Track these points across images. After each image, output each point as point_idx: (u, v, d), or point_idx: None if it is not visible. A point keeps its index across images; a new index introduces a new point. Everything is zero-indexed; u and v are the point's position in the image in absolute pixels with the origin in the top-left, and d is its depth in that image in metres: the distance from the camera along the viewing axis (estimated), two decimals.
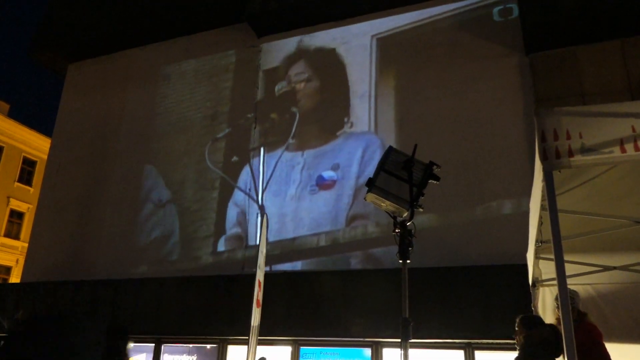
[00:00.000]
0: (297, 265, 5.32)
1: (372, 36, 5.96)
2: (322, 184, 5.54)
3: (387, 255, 4.87)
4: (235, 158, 6.10)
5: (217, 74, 6.70)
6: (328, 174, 5.57)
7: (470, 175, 5.04)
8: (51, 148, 7.65)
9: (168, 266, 5.94)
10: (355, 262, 5.10)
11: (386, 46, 5.88)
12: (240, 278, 5.15)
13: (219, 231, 5.82)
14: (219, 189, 6.04)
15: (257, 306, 3.63)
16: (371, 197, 2.45)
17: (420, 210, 2.36)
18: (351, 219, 5.25)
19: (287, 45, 6.47)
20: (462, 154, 5.11)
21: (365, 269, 4.93)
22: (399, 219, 2.40)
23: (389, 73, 5.77)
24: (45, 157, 8.32)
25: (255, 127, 6.14)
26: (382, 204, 2.48)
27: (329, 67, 6.07)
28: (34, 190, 13.60)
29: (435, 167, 2.49)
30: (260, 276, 3.73)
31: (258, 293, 3.66)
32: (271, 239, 5.46)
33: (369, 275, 4.68)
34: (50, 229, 6.93)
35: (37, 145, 14.24)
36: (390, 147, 2.55)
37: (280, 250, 5.41)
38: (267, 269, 5.29)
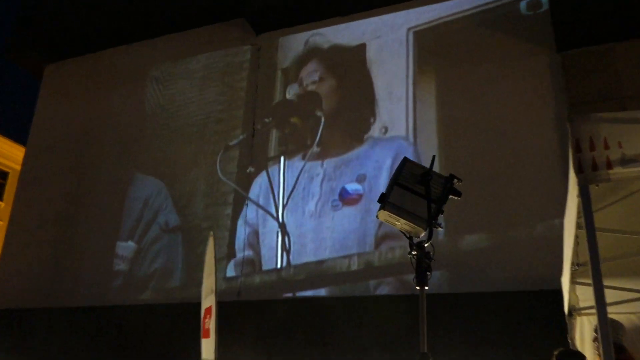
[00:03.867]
0: (321, 293, 5.48)
1: (409, 29, 6.12)
2: (346, 199, 5.69)
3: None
4: (250, 169, 6.34)
5: (230, 73, 6.96)
6: (353, 186, 5.72)
7: (495, 188, 5.13)
8: (25, 158, 8.01)
9: (172, 293, 6.20)
10: (386, 290, 5.24)
11: (426, 41, 6.04)
12: (236, 305, 5.39)
13: (232, 253, 6.05)
14: (233, 204, 6.27)
15: (205, 336, 3.73)
16: (384, 215, 2.53)
17: (440, 229, 2.44)
18: (381, 239, 5.38)
19: (304, 41, 6.70)
20: (487, 164, 5.24)
21: (384, 295, 5.10)
22: (415, 240, 2.46)
23: (430, 72, 5.91)
24: (19, 168, 8.58)
25: (272, 134, 6.39)
26: (397, 223, 2.54)
27: (355, 65, 6.24)
28: (5, 205, 13.83)
29: (456, 180, 2.54)
30: (208, 303, 3.83)
31: (204, 322, 3.79)
32: (293, 262, 5.67)
33: (388, 301, 4.86)
34: (23, 249, 7.24)
35: (10, 154, 14.62)
36: (405, 159, 2.61)
37: (306, 275, 5.60)
38: (290, 294, 5.65)
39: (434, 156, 2.61)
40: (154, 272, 6.51)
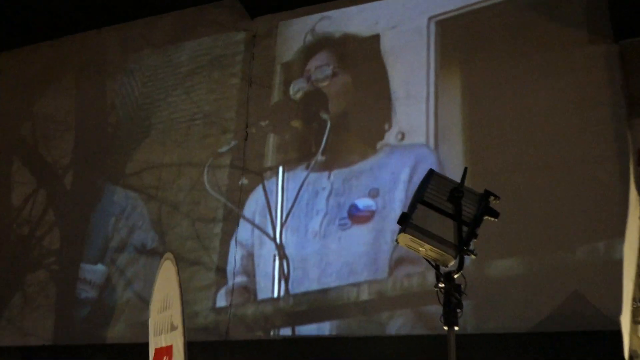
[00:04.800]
0: (325, 327, 5.46)
1: (430, 18, 6.10)
2: (356, 216, 5.66)
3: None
4: (244, 180, 6.31)
5: (220, 67, 6.97)
6: (364, 202, 5.69)
7: (534, 204, 5.09)
8: None
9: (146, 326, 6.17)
10: (400, 323, 5.22)
11: (449, 31, 6.02)
12: (224, 345, 5.35)
13: (222, 280, 6.03)
14: (222, 221, 6.26)
15: None
16: (405, 239, 2.50)
17: (473, 257, 2.43)
18: (396, 264, 5.37)
19: (308, 28, 6.69)
20: (523, 175, 5.22)
21: (403, 335, 5.08)
22: (443, 270, 2.45)
23: (452, 66, 5.90)
24: None
25: (270, 139, 6.38)
26: (420, 249, 2.52)
27: (367, 59, 6.24)
28: None
29: (492, 198, 2.53)
30: (166, 341, 3.84)
31: None
32: (292, 290, 5.65)
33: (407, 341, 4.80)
34: None
35: None
36: (431, 171, 2.62)
37: (308, 307, 5.58)
38: (289, 331, 5.59)
39: (465, 168, 2.60)
40: (128, 301, 6.49)
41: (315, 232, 5.77)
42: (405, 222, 2.53)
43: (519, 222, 5.00)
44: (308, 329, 5.60)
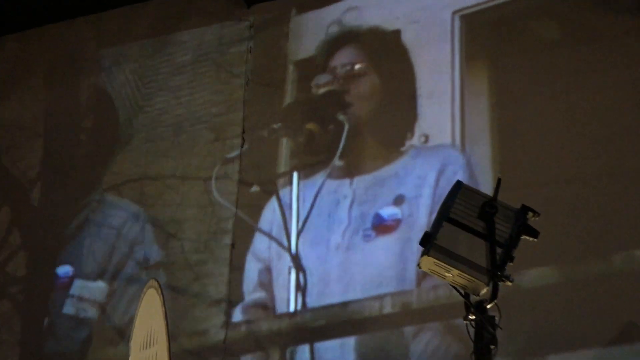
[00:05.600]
0: (349, 343, 5.70)
1: (454, 12, 6.36)
2: (381, 226, 5.93)
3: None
4: (255, 188, 6.61)
5: (227, 66, 7.24)
6: (389, 211, 5.96)
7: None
8: None
9: None
10: (427, 337, 5.49)
11: (475, 26, 6.31)
12: None
13: (235, 293, 6.31)
14: (232, 232, 6.52)
15: None
16: (428, 262, 2.42)
17: (509, 284, 2.35)
18: (424, 275, 5.55)
19: (323, 23, 6.96)
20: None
21: None
22: (473, 299, 2.38)
23: (479, 63, 6.18)
24: None
25: (283, 143, 6.67)
26: (447, 274, 2.41)
27: (389, 56, 6.53)
28: None
29: (531, 214, 2.43)
30: None
31: None
32: (311, 304, 5.94)
33: None
34: None
35: None
36: (459, 183, 2.58)
37: (327, 321, 5.86)
38: (307, 346, 5.87)
39: (499, 179, 2.49)
40: (130, 320, 6.61)
41: (338, 244, 6.03)
42: (428, 243, 2.43)
43: (563, 228, 5.24)
44: (326, 346, 5.86)
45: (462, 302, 4.77)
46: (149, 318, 4.19)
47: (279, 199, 6.46)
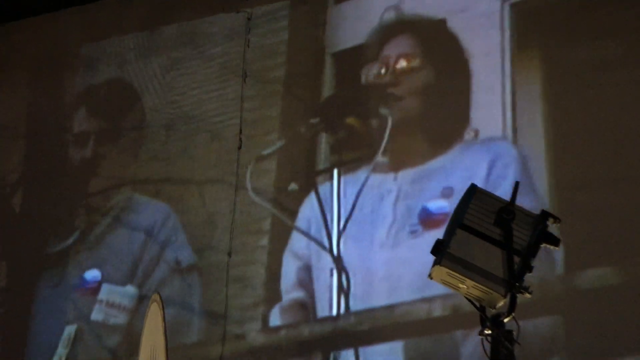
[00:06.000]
0: (397, 348, 5.74)
1: (504, 1, 6.36)
2: (429, 220, 5.97)
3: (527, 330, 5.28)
4: (293, 186, 6.70)
5: (261, 59, 7.32)
6: (437, 204, 6.00)
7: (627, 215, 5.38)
8: None
9: (189, 351, 6.52)
10: (476, 342, 5.39)
11: (526, 15, 6.35)
12: None
13: (272, 296, 6.41)
14: (270, 232, 6.63)
15: None
16: (440, 273, 2.42)
17: (527, 296, 2.29)
18: None
19: (368, 12, 7.01)
20: (616, 168, 5.50)
21: None
22: (489, 312, 2.37)
23: (533, 53, 6.20)
24: None
25: (323, 138, 6.76)
26: (461, 286, 2.41)
27: (437, 46, 6.61)
28: None
29: (551, 220, 2.40)
30: None
31: None
32: (355, 307, 5.99)
33: None
34: None
35: None
36: (473, 187, 2.54)
37: (372, 325, 5.90)
38: (351, 351, 5.93)
39: (517, 183, 2.51)
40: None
41: (382, 241, 6.08)
42: (440, 251, 2.41)
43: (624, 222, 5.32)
44: (372, 350, 5.91)
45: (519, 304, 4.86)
46: (152, 335, 4.34)
47: (318, 196, 6.54)
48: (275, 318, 6.35)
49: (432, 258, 5.84)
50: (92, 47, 7.84)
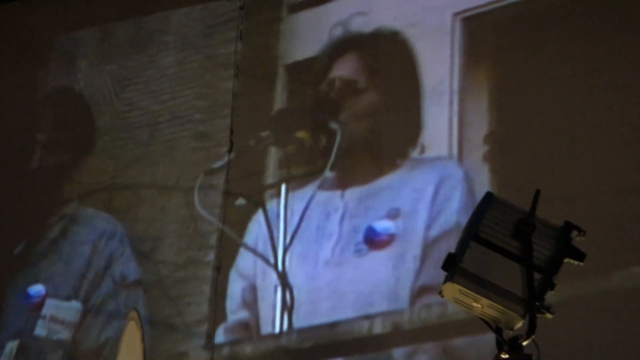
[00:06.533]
0: None
1: (455, 14, 6.69)
2: (374, 241, 6.28)
3: (472, 347, 5.68)
4: (241, 201, 7.01)
5: (213, 69, 7.67)
6: (382, 225, 6.30)
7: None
8: None
9: None
10: (426, 359, 5.84)
11: (477, 29, 6.67)
12: None
13: (217, 314, 6.67)
14: (217, 248, 6.92)
15: None
16: (452, 290, 2.32)
17: (549, 316, 2.22)
18: (418, 293, 5.97)
19: (322, 25, 7.33)
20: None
21: None
22: (507, 334, 2.29)
23: (481, 69, 6.52)
24: None
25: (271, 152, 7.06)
26: (475, 305, 2.32)
27: (392, 62, 6.92)
28: None
29: (576, 233, 2.33)
30: None
31: None
32: (298, 325, 6.29)
33: None
34: None
35: None
36: (490, 195, 2.50)
37: (314, 343, 6.22)
38: None
39: (538, 191, 2.41)
40: (106, 342, 7.12)
41: (327, 260, 6.38)
42: (452, 266, 2.32)
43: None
44: None
45: (459, 320, 5.17)
46: (130, 355, 4.49)
47: (265, 212, 6.83)
48: (220, 337, 6.61)
49: (377, 278, 6.24)
50: (68, 37, 8.15)
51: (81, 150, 8.09)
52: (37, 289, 7.67)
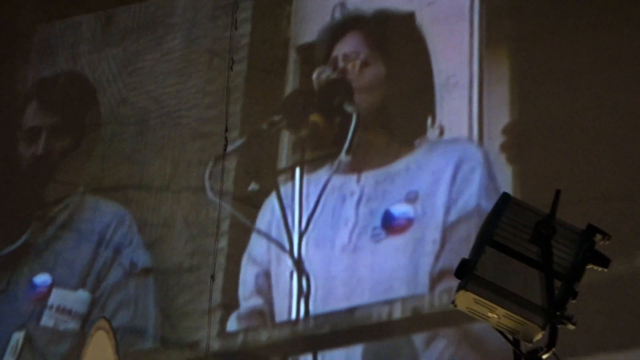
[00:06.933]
0: (356, 353, 6.08)
1: None
2: (392, 226, 6.30)
3: (492, 332, 5.66)
4: (253, 186, 7.00)
5: (222, 52, 7.61)
6: (400, 209, 6.32)
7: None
8: None
9: (142, 358, 6.91)
10: (443, 345, 5.86)
11: (497, 11, 6.66)
12: None
13: (231, 301, 6.70)
14: (229, 234, 6.93)
15: None
16: (466, 299, 2.19)
17: (571, 327, 2.11)
18: (438, 277, 5.98)
19: (328, 4, 7.33)
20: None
21: None
22: (525, 347, 2.18)
23: (502, 51, 6.53)
24: None
25: (285, 136, 7.08)
26: (490, 315, 2.21)
27: (402, 43, 6.93)
28: None
29: (600, 236, 2.21)
30: None
31: None
32: (314, 311, 6.32)
33: None
34: None
35: None
36: (506, 196, 2.32)
37: (330, 329, 6.23)
38: (310, 357, 6.31)
39: (558, 191, 2.26)
40: (115, 332, 7.02)
41: (344, 245, 6.39)
42: (466, 273, 2.17)
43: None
44: (332, 355, 6.27)
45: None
46: None
47: (279, 197, 6.84)
48: (233, 325, 6.63)
49: (396, 263, 6.31)
50: (50, 28, 8.14)
51: (86, 137, 8.11)
52: (43, 278, 7.67)
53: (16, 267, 7.85)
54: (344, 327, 6.25)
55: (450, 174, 6.26)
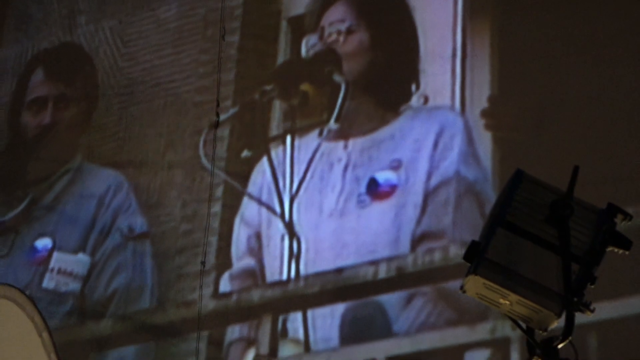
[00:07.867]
0: (339, 310, 6.58)
1: None
2: (376, 192, 6.74)
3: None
4: (246, 153, 7.47)
5: (215, 23, 7.79)
6: (384, 175, 6.75)
7: None
8: None
9: (140, 317, 7.43)
10: (422, 303, 6.35)
11: None
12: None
13: (224, 263, 7.23)
14: (222, 199, 7.42)
15: None
16: (476, 284, 2.07)
17: (589, 314, 2.00)
18: (419, 239, 6.46)
19: None
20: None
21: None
22: (539, 335, 2.06)
23: (486, 23, 6.86)
24: None
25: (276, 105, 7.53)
26: (502, 301, 2.08)
27: (387, 12, 7.34)
28: None
29: (622, 216, 2.09)
30: None
31: None
32: (304, 272, 6.81)
33: None
34: None
35: None
36: (520, 173, 2.16)
37: (319, 288, 6.72)
38: (299, 314, 6.80)
39: (576, 167, 2.12)
40: (114, 293, 7.67)
41: (331, 209, 6.85)
42: (476, 257, 2.05)
43: None
44: (319, 313, 6.73)
45: (456, 265, 5.38)
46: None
47: (271, 163, 7.32)
48: (226, 284, 7.15)
49: (378, 228, 6.90)
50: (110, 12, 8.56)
51: (85, 106, 8.60)
52: (44, 242, 8.13)
53: (18, 231, 8.31)
54: (333, 287, 6.75)
55: (432, 141, 6.68)
